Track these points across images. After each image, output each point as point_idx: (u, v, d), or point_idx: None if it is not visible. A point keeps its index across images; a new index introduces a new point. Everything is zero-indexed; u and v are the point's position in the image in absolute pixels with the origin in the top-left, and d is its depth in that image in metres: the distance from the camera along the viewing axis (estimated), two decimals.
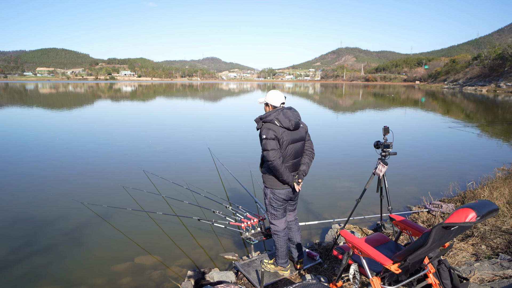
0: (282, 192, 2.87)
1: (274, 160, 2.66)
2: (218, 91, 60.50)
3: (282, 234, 3.02)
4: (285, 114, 2.75)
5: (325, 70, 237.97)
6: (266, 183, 2.90)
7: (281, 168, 2.70)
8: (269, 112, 2.80)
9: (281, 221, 3.01)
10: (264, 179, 2.92)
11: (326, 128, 14.22)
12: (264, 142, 2.68)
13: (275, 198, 2.90)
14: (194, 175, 6.95)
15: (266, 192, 2.94)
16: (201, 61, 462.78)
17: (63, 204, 5.40)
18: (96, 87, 72.51)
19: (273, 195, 2.89)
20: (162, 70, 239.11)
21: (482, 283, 2.63)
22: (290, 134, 2.76)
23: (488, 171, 6.55)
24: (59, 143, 10.28)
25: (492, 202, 2.12)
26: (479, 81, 63.14)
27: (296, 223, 3.21)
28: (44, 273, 3.61)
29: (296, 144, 2.84)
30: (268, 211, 2.99)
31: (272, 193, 2.89)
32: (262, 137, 2.69)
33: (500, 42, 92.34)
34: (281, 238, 3.02)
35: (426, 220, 4.53)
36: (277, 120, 2.71)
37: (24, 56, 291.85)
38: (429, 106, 28.01)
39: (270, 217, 3.01)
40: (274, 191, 2.88)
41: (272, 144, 2.66)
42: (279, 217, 2.99)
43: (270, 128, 2.69)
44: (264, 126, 2.74)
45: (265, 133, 2.68)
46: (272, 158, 2.65)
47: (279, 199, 2.90)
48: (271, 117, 2.73)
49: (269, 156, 2.66)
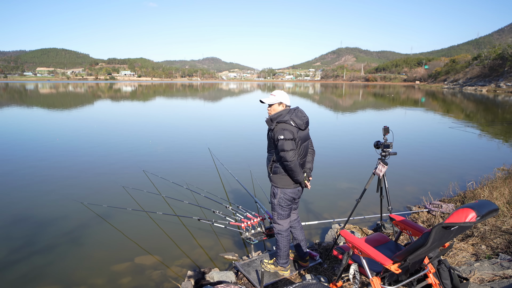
0: (292, 191, 2.90)
1: (293, 160, 2.68)
2: (218, 91, 60.50)
3: (285, 234, 3.04)
4: (298, 114, 2.79)
5: (325, 70, 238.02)
6: (278, 183, 2.88)
7: (297, 168, 2.73)
8: (280, 112, 2.80)
9: (287, 221, 3.03)
10: (275, 179, 2.89)
11: (326, 128, 14.21)
12: (281, 143, 2.67)
13: (285, 197, 2.90)
14: (194, 175, 6.95)
15: (275, 192, 2.92)
16: (201, 61, 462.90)
17: (63, 204, 5.40)
18: (96, 87, 72.51)
19: (283, 195, 2.90)
20: (162, 70, 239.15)
21: (482, 283, 2.63)
22: (301, 133, 2.81)
23: (488, 171, 6.55)
24: (59, 143, 10.28)
25: (492, 202, 2.12)
26: (479, 81, 63.12)
27: (299, 221, 3.25)
28: (44, 273, 3.61)
29: (305, 143, 2.90)
30: (275, 211, 2.99)
31: (283, 193, 2.89)
32: (280, 137, 2.67)
33: (500, 42, 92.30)
34: (284, 238, 3.04)
35: (426, 220, 4.53)
36: (292, 120, 2.73)
37: (24, 56, 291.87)
38: (429, 106, 28.00)
39: (277, 217, 3.01)
40: (285, 190, 2.88)
41: (291, 144, 2.68)
42: (286, 216, 3.01)
43: (287, 128, 2.69)
44: (279, 127, 2.72)
45: (282, 134, 2.67)
46: (292, 159, 2.67)
47: (289, 198, 2.92)
48: (287, 118, 2.73)
49: (289, 156, 2.66)
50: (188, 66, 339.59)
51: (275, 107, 2.84)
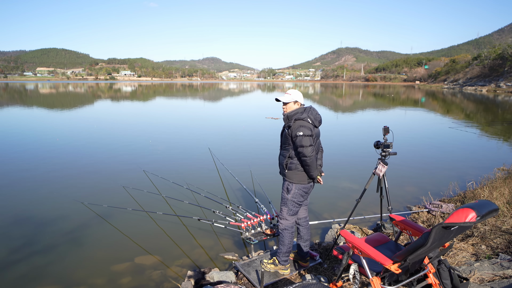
0: (307, 187, 3.00)
1: (311, 156, 2.79)
2: (218, 91, 60.49)
3: (292, 230, 3.10)
4: (312, 112, 2.91)
5: (325, 70, 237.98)
6: (293, 179, 2.95)
7: (314, 164, 2.84)
8: (296, 110, 2.92)
9: (294, 217, 3.12)
10: (291, 175, 2.96)
11: (326, 128, 14.17)
12: (300, 139, 2.77)
13: (299, 193, 2.98)
14: (194, 175, 6.95)
15: (290, 188, 2.98)
16: (201, 61, 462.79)
17: (63, 204, 5.40)
18: (96, 87, 72.50)
19: (298, 190, 2.97)
20: (162, 70, 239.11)
21: (482, 283, 2.63)
22: (316, 131, 2.93)
23: (488, 171, 6.55)
24: (60, 143, 10.28)
25: (492, 202, 2.12)
26: (479, 81, 63.13)
27: (307, 220, 3.30)
28: (44, 273, 3.61)
29: (318, 140, 3.04)
30: (287, 206, 3.04)
31: (297, 188, 2.96)
32: (299, 134, 2.77)
33: (500, 42, 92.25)
34: (290, 234, 3.09)
35: (426, 220, 4.53)
36: (309, 118, 2.85)
37: (24, 56, 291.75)
38: (429, 106, 28.00)
39: (287, 212, 3.05)
40: (300, 186, 2.96)
41: (309, 140, 2.78)
42: (295, 212, 3.09)
43: (305, 125, 2.80)
44: (298, 124, 2.83)
45: (302, 130, 2.77)
46: (310, 154, 2.78)
47: (303, 194, 3.00)
48: (304, 115, 2.85)
49: (308, 152, 2.76)
50: (188, 66, 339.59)
51: (291, 105, 2.97)
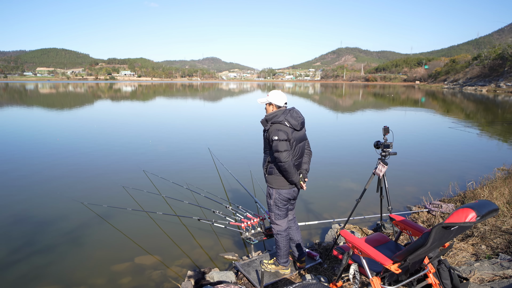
0: (288, 192, 2.89)
1: (287, 161, 2.67)
2: (218, 91, 60.49)
3: (285, 234, 3.04)
4: (293, 114, 2.76)
5: (325, 70, 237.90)
6: (272, 184, 2.88)
7: (292, 169, 2.72)
8: (275, 112, 2.79)
9: (284, 221, 3.03)
10: (270, 180, 2.89)
11: (326, 128, 14.22)
12: (275, 144, 2.66)
13: (281, 198, 2.90)
14: (194, 175, 6.95)
15: (271, 193, 2.93)
16: (201, 61, 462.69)
17: (63, 204, 5.40)
18: (96, 87, 72.50)
19: (278, 195, 2.89)
20: (162, 70, 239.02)
21: (482, 283, 2.63)
22: (296, 134, 2.79)
23: (488, 171, 6.55)
24: (60, 143, 10.28)
25: (492, 202, 2.12)
26: (479, 81, 63.11)
27: (295, 221, 3.24)
28: (44, 273, 3.61)
29: (301, 143, 2.88)
30: (272, 211, 2.99)
31: (278, 193, 2.89)
32: (274, 138, 2.66)
33: (500, 42, 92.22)
34: (284, 238, 3.04)
35: (426, 220, 4.53)
36: (287, 121, 2.71)
37: (24, 56, 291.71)
38: (429, 106, 28.00)
39: (274, 217, 3.01)
40: (280, 191, 2.88)
41: (285, 145, 2.66)
42: (283, 216, 3.00)
43: (281, 129, 2.67)
44: (274, 127, 2.71)
45: (276, 135, 2.65)
46: (286, 159, 2.66)
47: (285, 199, 2.92)
48: (281, 118, 2.72)
49: (282, 157, 2.65)
50: (188, 66, 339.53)
51: (267, 107, 2.87)
